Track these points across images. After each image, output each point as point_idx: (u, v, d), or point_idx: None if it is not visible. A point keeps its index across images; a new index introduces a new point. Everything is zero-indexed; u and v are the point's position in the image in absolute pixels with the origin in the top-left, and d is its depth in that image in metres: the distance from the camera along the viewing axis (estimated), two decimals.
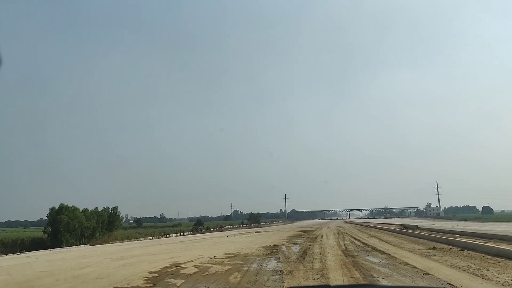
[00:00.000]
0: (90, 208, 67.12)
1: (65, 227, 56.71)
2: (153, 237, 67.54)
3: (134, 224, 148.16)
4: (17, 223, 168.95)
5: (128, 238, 66.12)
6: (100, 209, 69.18)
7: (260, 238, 38.78)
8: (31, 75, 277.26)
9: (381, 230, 48.06)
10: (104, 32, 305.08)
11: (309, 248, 24.71)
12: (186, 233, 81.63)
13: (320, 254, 20.29)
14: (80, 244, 53.97)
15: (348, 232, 44.04)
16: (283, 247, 25.92)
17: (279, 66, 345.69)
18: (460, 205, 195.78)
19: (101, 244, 50.90)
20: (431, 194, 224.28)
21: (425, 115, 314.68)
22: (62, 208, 60.59)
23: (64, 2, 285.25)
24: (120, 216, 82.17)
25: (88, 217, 63.52)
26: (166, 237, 67.90)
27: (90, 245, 49.60)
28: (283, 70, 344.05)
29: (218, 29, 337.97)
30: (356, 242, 29.26)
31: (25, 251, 43.86)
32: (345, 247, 24.76)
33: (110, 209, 72.53)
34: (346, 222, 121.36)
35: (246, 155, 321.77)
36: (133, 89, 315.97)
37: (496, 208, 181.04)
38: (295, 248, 24.75)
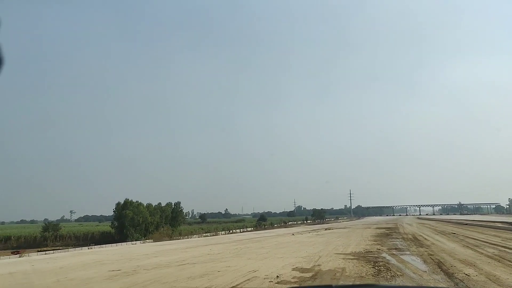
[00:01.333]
0: (154, 203, 64.44)
1: (130, 222, 54.33)
2: (211, 234, 60.56)
3: (199, 220, 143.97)
4: (94, 218, 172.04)
5: (191, 233, 62.05)
6: (163, 205, 66.15)
7: (336, 238, 28.52)
8: (99, 77, 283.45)
9: (489, 228, 36.72)
10: (168, 34, 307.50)
11: (437, 259, 14.18)
12: (250, 228, 75.76)
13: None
14: (145, 239, 51.08)
15: (451, 231, 33.30)
16: (386, 256, 15.75)
17: (344, 59, 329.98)
18: None
19: (164, 239, 46.91)
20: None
21: (505, 107, 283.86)
22: (127, 203, 58.17)
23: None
24: (185, 211, 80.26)
25: (152, 212, 60.43)
26: (228, 233, 62.00)
27: (154, 241, 45.42)
28: (348, 62, 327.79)
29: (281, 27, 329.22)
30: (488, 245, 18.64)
31: (94, 245, 43.04)
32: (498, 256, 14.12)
33: (173, 204, 69.07)
34: (419, 218, 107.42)
35: (309, 151, 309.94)
36: (208, 87, 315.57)
37: None
38: (411, 259, 14.49)
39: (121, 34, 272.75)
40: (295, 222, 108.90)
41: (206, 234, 60.30)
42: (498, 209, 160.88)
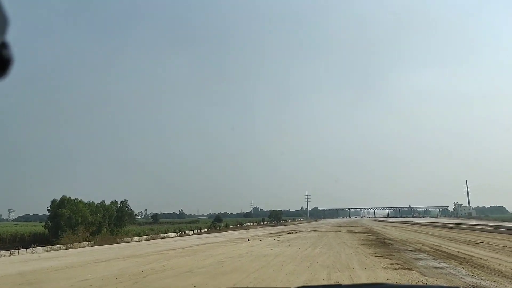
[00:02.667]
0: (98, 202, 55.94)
1: (67, 222, 45.36)
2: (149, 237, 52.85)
3: (151, 220, 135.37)
4: (36, 217, 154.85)
5: (139, 234, 54.59)
6: (108, 203, 56.99)
7: (312, 249, 19.22)
8: (44, 71, 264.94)
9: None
10: (121, 29, 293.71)
11: None
12: (203, 230, 69.76)
13: None
14: (84, 241, 41.76)
15: (448, 236, 26.53)
16: None
17: (302, 64, 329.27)
18: (487, 205, 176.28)
19: (106, 243, 37.15)
20: (457, 193, 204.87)
21: (450, 114, 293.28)
22: (64, 201, 48.63)
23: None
24: (131, 211, 71.85)
25: (93, 211, 51.70)
26: (180, 234, 54.62)
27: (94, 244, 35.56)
28: (306, 68, 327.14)
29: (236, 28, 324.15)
30: None
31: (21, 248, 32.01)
32: None
33: (119, 203, 60.52)
34: (377, 220, 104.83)
35: (268, 152, 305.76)
36: (152, 86, 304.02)
37: None
38: None
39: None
40: (251, 224, 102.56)
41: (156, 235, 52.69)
42: (445, 213, 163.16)
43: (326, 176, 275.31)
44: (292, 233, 38.10)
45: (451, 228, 40.30)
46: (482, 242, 18.91)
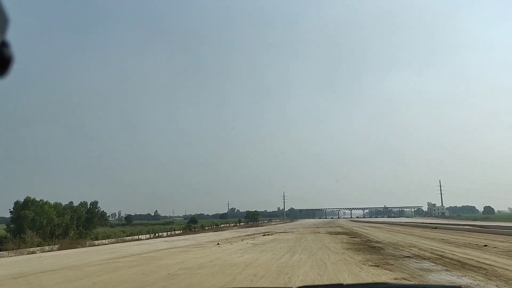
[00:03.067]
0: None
1: (30, 224, 41.43)
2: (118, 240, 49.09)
3: (124, 222, 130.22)
4: (2, 220, 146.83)
5: (109, 237, 49.82)
6: (77, 204, 52.24)
7: (290, 255, 16.18)
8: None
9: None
10: (103, 28, 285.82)
11: None
12: (178, 231, 66.40)
13: None
14: (49, 245, 37.83)
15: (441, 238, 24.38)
16: None
17: (280, 66, 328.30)
18: (459, 205, 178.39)
19: (73, 247, 33.24)
20: (430, 193, 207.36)
21: (425, 115, 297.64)
22: (28, 202, 44.57)
23: None
24: (103, 212, 68.47)
25: (60, 213, 47.57)
26: (154, 236, 50.82)
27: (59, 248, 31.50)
28: (284, 69, 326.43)
29: (220, 29, 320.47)
30: None
31: None
32: None
33: (89, 204, 56.48)
34: (354, 221, 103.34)
35: (245, 153, 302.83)
36: (132, 86, 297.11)
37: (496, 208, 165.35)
38: None
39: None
40: (227, 225, 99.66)
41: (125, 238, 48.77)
42: (419, 213, 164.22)
43: (303, 177, 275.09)
44: (268, 235, 35.00)
45: (435, 228, 38.14)
46: (485, 245, 16.26)
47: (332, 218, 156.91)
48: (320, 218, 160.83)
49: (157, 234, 57.08)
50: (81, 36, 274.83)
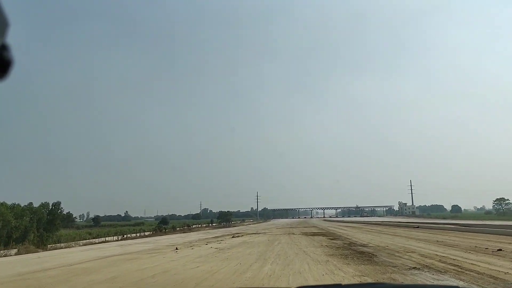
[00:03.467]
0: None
1: None
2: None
3: (92, 223, 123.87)
4: None
5: (74, 239, 45.51)
6: (37, 205, 48.99)
7: (254, 262, 13.02)
8: None
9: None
10: (84, 28, 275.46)
11: None
12: (147, 232, 62.46)
13: None
14: (5, 249, 33.27)
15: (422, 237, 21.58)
16: None
17: (253, 65, 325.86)
18: (428, 204, 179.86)
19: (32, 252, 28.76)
20: (400, 193, 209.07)
21: (393, 117, 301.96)
22: None
23: None
24: (68, 213, 64.90)
25: (18, 214, 43.11)
26: (121, 238, 46.48)
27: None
28: (257, 69, 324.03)
29: (194, 27, 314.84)
30: None
31: None
32: None
33: (50, 205, 51.78)
34: (327, 221, 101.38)
35: (217, 153, 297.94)
36: (102, 83, 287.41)
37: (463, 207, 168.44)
38: None
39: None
40: (199, 226, 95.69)
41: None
42: (390, 212, 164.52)
43: (276, 177, 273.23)
44: (238, 236, 31.34)
45: (417, 227, 35.70)
46: (500, 250, 13.51)
47: (305, 217, 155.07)
48: (293, 218, 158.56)
49: (125, 236, 53.18)
50: (46, 31, 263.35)
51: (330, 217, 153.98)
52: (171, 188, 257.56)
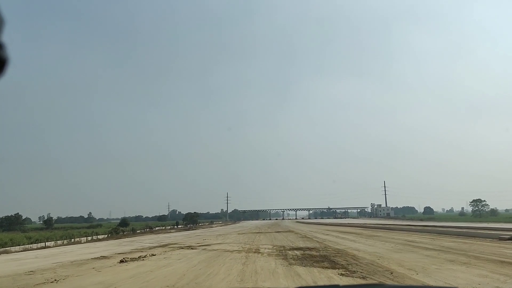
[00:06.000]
0: None
1: None
2: None
3: (43, 225, 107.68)
4: None
5: (6, 244, 33.60)
6: None
7: None
8: None
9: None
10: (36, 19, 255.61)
11: None
12: (101, 236, 49.70)
13: None
14: None
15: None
16: None
17: (226, 66, 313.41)
18: (400, 205, 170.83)
19: None
20: (372, 194, 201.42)
21: (366, 119, 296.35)
22: None
23: None
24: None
25: None
26: (66, 243, 33.73)
27: None
28: (230, 70, 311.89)
29: (165, 26, 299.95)
30: None
31: None
32: None
33: None
34: (300, 222, 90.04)
35: (188, 154, 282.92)
36: (67, 81, 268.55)
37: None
38: None
39: None
40: (163, 228, 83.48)
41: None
42: (362, 213, 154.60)
43: (247, 178, 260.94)
44: (172, 248, 18.81)
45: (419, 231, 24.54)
46: None
47: (276, 219, 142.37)
48: (264, 219, 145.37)
49: (72, 240, 40.84)
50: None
51: (303, 218, 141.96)
52: (139, 189, 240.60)
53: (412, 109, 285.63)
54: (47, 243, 34.74)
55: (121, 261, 12.98)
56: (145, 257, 14.49)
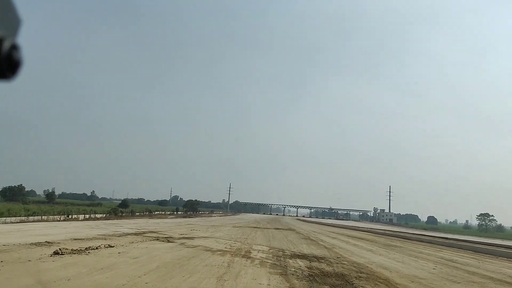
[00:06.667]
0: None
1: None
2: None
3: (45, 199, 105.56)
4: None
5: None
6: None
7: None
8: None
9: None
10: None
11: None
12: (100, 215, 47.08)
13: None
14: None
15: None
16: None
17: (238, 58, 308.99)
18: (403, 212, 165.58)
19: None
20: (376, 198, 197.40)
21: (373, 124, 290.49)
22: None
23: None
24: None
25: None
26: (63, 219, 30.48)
27: None
28: (242, 62, 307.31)
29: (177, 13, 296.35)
30: None
31: None
32: None
33: None
34: (301, 220, 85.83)
35: (194, 142, 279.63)
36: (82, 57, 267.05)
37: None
38: None
39: None
40: (163, 212, 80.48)
41: None
42: (364, 217, 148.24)
43: (252, 171, 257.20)
44: (144, 239, 15.13)
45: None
46: None
47: (277, 214, 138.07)
48: (264, 213, 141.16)
49: (70, 216, 38.22)
50: None
51: (303, 216, 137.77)
52: (144, 173, 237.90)
53: (426, 116, 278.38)
54: (43, 217, 32.61)
55: (55, 253, 9.28)
56: (96, 248, 10.72)
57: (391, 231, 42.47)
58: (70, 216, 38.71)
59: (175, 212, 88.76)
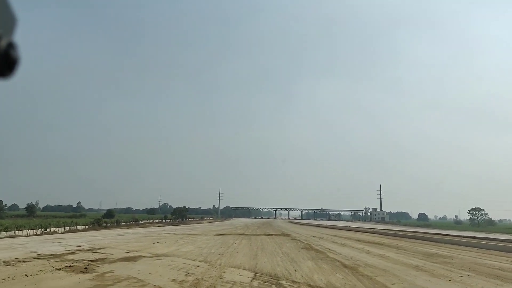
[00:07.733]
0: None
1: None
2: None
3: (25, 213, 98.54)
4: None
5: None
6: None
7: None
8: None
9: None
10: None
11: None
12: (82, 227, 42.03)
13: None
14: None
15: None
16: None
17: (229, 63, 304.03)
18: (393, 210, 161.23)
19: None
20: (367, 198, 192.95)
21: (359, 124, 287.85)
22: None
23: None
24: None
25: None
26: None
27: None
28: (230, 67, 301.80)
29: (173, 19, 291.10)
30: None
31: None
32: None
33: None
34: (293, 223, 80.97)
35: (181, 149, 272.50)
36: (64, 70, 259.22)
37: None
38: None
39: None
40: (151, 221, 74.88)
41: None
42: (355, 217, 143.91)
43: (241, 176, 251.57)
44: (60, 264, 8.74)
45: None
46: None
47: (268, 218, 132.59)
48: (255, 217, 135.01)
49: (47, 230, 35.09)
50: None
51: (295, 219, 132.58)
52: (132, 182, 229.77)
53: (412, 114, 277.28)
54: (17, 232, 29.84)
55: None
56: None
57: (397, 230, 37.68)
58: (48, 230, 34.87)
59: (164, 220, 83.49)
